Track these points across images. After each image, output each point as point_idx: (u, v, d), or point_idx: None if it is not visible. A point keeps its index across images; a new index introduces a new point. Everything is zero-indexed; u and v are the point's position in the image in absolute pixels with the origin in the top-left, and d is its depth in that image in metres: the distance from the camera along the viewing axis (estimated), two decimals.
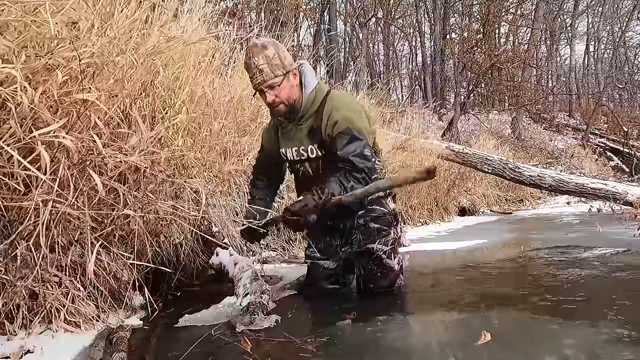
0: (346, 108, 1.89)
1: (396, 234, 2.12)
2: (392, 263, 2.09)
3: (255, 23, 4.72)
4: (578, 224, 5.14)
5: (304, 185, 2.02)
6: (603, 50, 25.94)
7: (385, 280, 2.09)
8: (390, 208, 2.11)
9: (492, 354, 1.35)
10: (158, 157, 1.90)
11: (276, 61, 1.83)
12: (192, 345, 1.50)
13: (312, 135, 1.94)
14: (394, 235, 2.10)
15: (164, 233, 2.19)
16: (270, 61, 1.82)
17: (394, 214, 2.12)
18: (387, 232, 2.07)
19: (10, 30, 1.46)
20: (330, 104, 1.89)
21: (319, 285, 2.13)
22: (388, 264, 2.08)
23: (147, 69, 2.05)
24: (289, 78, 1.87)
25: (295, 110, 1.92)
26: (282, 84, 1.85)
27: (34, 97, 1.39)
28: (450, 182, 6.37)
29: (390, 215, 2.10)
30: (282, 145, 2.06)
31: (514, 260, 2.97)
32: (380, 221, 2.07)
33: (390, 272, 2.09)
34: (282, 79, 1.84)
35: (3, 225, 1.53)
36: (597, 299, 1.90)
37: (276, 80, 1.84)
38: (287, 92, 1.88)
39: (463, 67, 13.32)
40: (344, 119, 1.86)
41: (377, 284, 2.08)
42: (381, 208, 2.07)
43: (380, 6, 14.86)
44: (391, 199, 2.13)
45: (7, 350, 1.41)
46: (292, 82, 1.89)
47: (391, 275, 2.09)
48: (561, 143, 15.09)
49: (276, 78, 1.83)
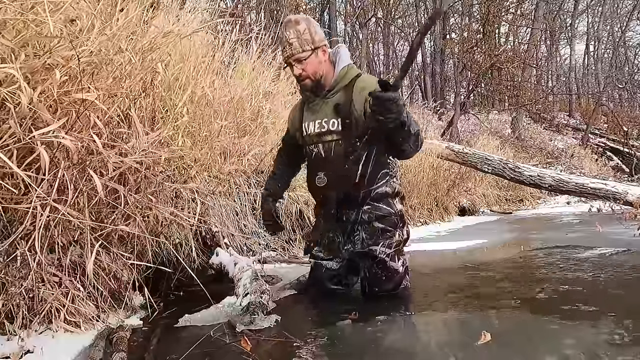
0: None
1: (401, 235, 2.07)
2: (396, 265, 2.03)
3: (255, 23, 4.72)
4: (578, 224, 5.14)
5: (315, 168, 2.05)
6: (603, 50, 25.96)
7: (390, 283, 2.03)
8: (397, 209, 2.05)
9: (492, 354, 1.35)
10: (158, 157, 1.90)
11: (306, 36, 1.88)
12: (192, 345, 1.50)
13: (338, 109, 1.94)
14: (399, 238, 2.05)
15: (164, 233, 2.19)
16: (300, 36, 1.88)
17: (401, 215, 2.07)
18: (391, 234, 2.02)
19: (8, 29, 1.46)
20: (362, 83, 1.91)
21: (321, 285, 2.12)
22: (392, 267, 2.02)
23: (145, 66, 2.05)
24: (317, 54, 1.91)
25: (321, 86, 1.96)
26: (309, 58, 1.90)
27: (33, 97, 1.38)
28: (450, 182, 6.37)
29: (397, 216, 2.04)
30: (305, 120, 2.07)
31: (514, 260, 2.96)
32: (386, 221, 2.02)
33: (395, 274, 2.03)
34: (310, 53, 1.89)
35: (3, 225, 1.53)
36: (597, 299, 1.90)
37: (303, 54, 1.89)
38: (314, 67, 1.92)
39: (463, 67, 13.32)
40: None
41: (382, 288, 2.04)
42: (387, 207, 2.02)
43: (380, 6, 14.86)
44: (399, 199, 2.08)
45: (7, 350, 1.41)
46: (320, 57, 1.92)
47: (396, 278, 2.04)
48: (561, 143, 15.09)
49: (304, 52, 1.89)
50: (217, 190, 2.73)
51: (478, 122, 12.88)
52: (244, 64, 3.69)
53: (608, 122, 17.41)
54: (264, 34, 4.01)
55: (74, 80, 1.61)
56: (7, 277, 1.48)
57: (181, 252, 2.35)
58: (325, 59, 1.94)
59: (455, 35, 16.65)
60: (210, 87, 2.90)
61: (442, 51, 15.81)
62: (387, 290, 2.04)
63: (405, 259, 2.11)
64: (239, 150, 3.12)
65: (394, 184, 2.03)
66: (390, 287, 2.05)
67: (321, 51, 1.92)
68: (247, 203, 3.04)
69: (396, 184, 2.05)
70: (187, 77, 2.66)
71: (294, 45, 1.88)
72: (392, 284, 2.04)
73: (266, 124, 3.53)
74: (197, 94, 2.71)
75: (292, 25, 1.89)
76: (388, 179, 2.01)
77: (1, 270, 1.47)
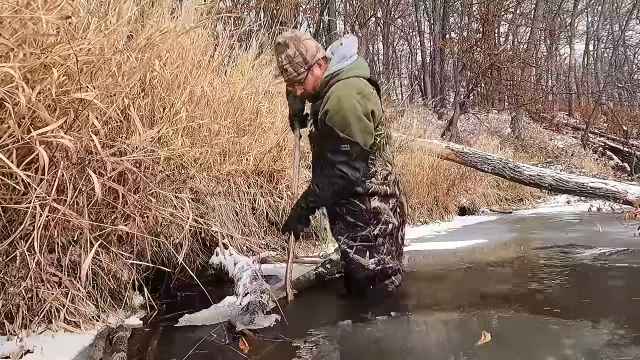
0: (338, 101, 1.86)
1: (372, 232, 2.00)
2: (363, 261, 1.99)
3: (255, 22, 4.71)
4: (578, 224, 5.15)
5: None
6: (603, 49, 25.96)
7: (356, 274, 2.04)
8: (371, 206, 2.00)
9: (492, 354, 1.35)
10: (157, 156, 1.89)
11: (298, 59, 1.92)
12: (192, 345, 1.50)
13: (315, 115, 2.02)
14: (368, 233, 1.99)
15: (164, 233, 2.18)
16: (293, 60, 1.92)
17: (375, 212, 2.01)
18: (361, 229, 2.00)
19: (5, 28, 1.45)
20: (330, 93, 1.90)
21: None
22: (356, 260, 2.00)
23: (142, 63, 2.04)
24: (312, 72, 1.95)
25: (319, 95, 2.00)
26: (306, 79, 1.95)
27: (32, 96, 1.38)
28: (450, 181, 6.36)
29: (369, 212, 2.00)
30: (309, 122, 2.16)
31: (514, 260, 2.96)
32: (356, 216, 2.00)
33: (361, 269, 2.00)
34: (306, 74, 1.94)
35: (2, 225, 1.53)
36: (597, 299, 1.90)
37: (300, 77, 1.95)
38: (311, 84, 1.98)
39: (462, 67, 13.32)
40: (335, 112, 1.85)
41: (351, 275, 2.09)
42: (360, 204, 1.99)
43: (380, 6, 14.85)
44: (378, 198, 2.01)
45: (7, 350, 1.41)
46: (316, 74, 1.96)
47: (362, 272, 2.01)
48: (561, 142, 15.08)
49: (299, 76, 1.95)
50: (217, 191, 2.73)
51: (478, 122, 12.88)
52: (243, 63, 3.68)
53: (608, 121, 17.40)
54: (263, 33, 4.00)
55: (72, 79, 1.60)
56: (6, 277, 1.48)
57: (181, 252, 2.35)
58: (322, 71, 1.96)
59: (455, 35, 16.64)
60: (210, 86, 2.90)
61: (441, 51, 15.80)
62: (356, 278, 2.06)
63: (383, 259, 2.02)
64: (239, 150, 3.12)
65: (368, 185, 1.99)
66: (358, 277, 2.04)
67: (316, 67, 1.95)
68: (246, 203, 3.03)
69: (372, 185, 2.00)
70: (186, 76, 2.65)
71: (289, 71, 1.94)
72: (358, 275, 2.03)
73: (266, 123, 3.53)
74: (197, 93, 2.71)
75: (282, 49, 1.92)
76: (364, 180, 1.97)
77: (1, 270, 1.46)
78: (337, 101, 1.85)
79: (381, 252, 2.03)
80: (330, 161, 1.90)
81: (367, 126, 1.88)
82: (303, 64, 1.92)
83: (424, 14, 18.78)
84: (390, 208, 2.05)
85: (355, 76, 1.92)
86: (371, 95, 1.93)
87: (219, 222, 2.68)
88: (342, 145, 1.86)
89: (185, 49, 2.74)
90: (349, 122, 1.84)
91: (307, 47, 1.92)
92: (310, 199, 1.98)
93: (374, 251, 2.01)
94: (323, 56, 1.97)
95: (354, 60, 1.97)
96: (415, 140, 6.10)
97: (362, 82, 1.93)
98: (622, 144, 14.60)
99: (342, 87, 1.89)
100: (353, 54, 1.98)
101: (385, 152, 2.05)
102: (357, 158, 1.88)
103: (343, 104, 1.85)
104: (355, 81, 1.91)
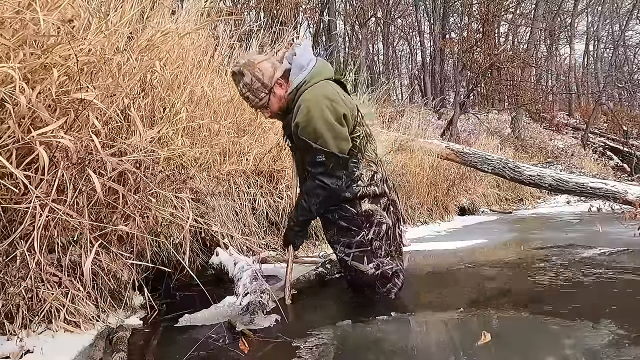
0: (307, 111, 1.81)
1: (366, 236, 1.95)
2: (361, 267, 1.96)
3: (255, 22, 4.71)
4: (578, 224, 5.15)
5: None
6: (603, 49, 25.96)
7: (356, 281, 2.03)
8: (362, 209, 1.95)
9: (492, 354, 1.35)
10: (157, 156, 1.89)
11: (256, 85, 1.89)
12: (192, 345, 1.50)
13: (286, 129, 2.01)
14: (363, 238, 1.95)
15: (164, 233, 2.18)
16: (251, 87, 1.90)
17: (367, 215, 1.95)
18: (355, 233, 1.95)
19: (6, 28, 1.45)
20: (299, 104, 1.85)
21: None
22: (355, 267, 1.97)
23: (143, 64, 2.04)
24: (274, 93, 1.91)
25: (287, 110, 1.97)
26: (269, 101, 1.93)
27: (32, 97, 1.38)
28: (450, 181, 6.36)
29: (361, 216, 1.95)
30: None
31: (514, 260, 2.96)
32: (349, 221, 1.95)
33: (361, 275, 1.97)
34: (268, 97, 1.91)
35: (2, 225, 1.53)
36: (597, 299, 1.90)
37: (262, 102, 1.93)
38: (276, 104, 1.95)
39: (462, 67, 13.31)
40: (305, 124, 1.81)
41: (352, 283, 2.07)
42: (351, 208, 1.95)
43: (380, 6, 14.84)
44: (368, 200, 1.96)
45: (7, 350, 1.41)
46: (279, 94, 1.92)
47: (364, 278, 1.97)
48: (561, 142, 15.08)
49: (262, 101, 1.92)
50: (217, 191, 2.73)
51: (478, 122, 12.87)
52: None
53: (608, 121, 17.40)
54: (263, 32, 4.00)
55: (72, 79, 1.60)
56: (6, 277, 1.48)
57: (184, 252, 2.35)
58: (284, 90, 1.92)
59: (455, 35, 16.63)
60: (210, 86, 2.90)
61: (441, 51, 15.79)
62: (358, 286, 2.05)
63: (381, 263, 1.98)
64: (239, 150, 3.12)
65: (355, 189, 1.93)
66: (359, 284, 2.03)
67: (277, 87, 1.91)
68: (246, 203, 3.03)
69: (360, 188, 1.94)
70: (186, 76, 2.65)
71: (250, 98, 1.93)
72: (359, 282, 2.01)
73: (266, 123, 3.53)
74: (197, 93, 2.71)
75: (238, 78, 1.90)
76: (350, 184, 1.93)
77: (1, 270, 1.46)
78: (306, 112, 1.80)
79: (379, 256, 1.98)
80: (311, 173, 1.87)
81: (341, 132, 1.83)
82: (262, 88, 1.89)
83: (424, 14, 18.77)
84: (382, 208, 2.00)
85: (320, 80, 1.87)
86: (340, 97, 1.87)
87: (219, 222, 2.68)
88: (317, 156, 1.82)
89: (185, 49, 2.74)
90: (321, 133, 1.79)
91: (262, 70, 1.88)
92: (300, 213, 1.97)
93: (371, 256, 1.97)
94: (282, 74, 1.91)
95: (313, 65, 1.91)
96: (416, 140, 6.10)
97: (329, 85, 1.87)
98: (622, 144, 14.60)
99: (309, 96, 1.83)
100: (310, 59, 1.92)
101: (367, 152, 1.99)
102: (334, 167, 1.84)
103: (313, 114, 1.79)
104: (322, 85, 1.86)
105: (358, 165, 1.95)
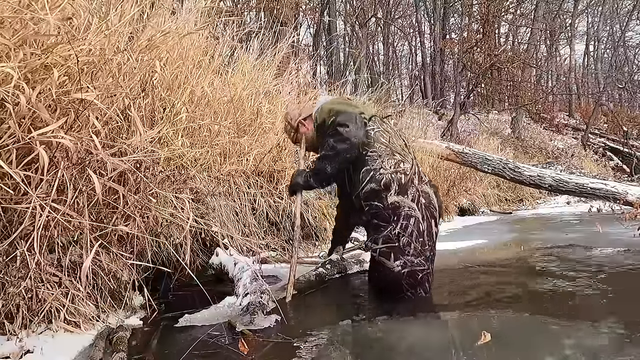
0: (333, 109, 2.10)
1: (393, 230, 1.90)
2: (389, 263, 1.90)
3: (255, 22, 4.71)
4: (578, 224, 5.14)
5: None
6: (603, 50, 25.98)
7: (381, 282, 1.99)
8: (388, 202, 1.92)
9: (492, 354, 1.35)
10: (157, 156, 1.90)
11: (287, 127, 2.36)
12: (192, 346, 1.50)
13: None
14: (390, 232, 1.90)
15: (164, 233, 2.18)
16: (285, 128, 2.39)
17: (394, 207, 1.91)
18: (384, 228, 1.93)
19: (6, 28, 1.45)
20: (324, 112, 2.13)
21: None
22: (383, 263, 1.92)
23: (143, 64, 2.05)
24: (299, 130, 2.30)
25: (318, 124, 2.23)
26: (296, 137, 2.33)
27: (32, 97, 1.38)
28: (450, 182, 6.37)
29: (387, 209, 1.92)
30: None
31: (514, 260, 2.96)
32: (379, 217, 1.94)
33: (388, 272, 1.91)
34: (295, 135, 2.34)
35: (2, 225, 1.53)
36: (597, 299, 1.90)
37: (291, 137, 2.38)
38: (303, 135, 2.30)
39: (463, 67, 13.32)
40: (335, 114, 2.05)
41: (378, 281, 2.02)
42: (377, 203, 1.94)
43: (380, 6, 14.86)
44: (394, 191, 1.92)
45: (7, 350, 1.41)
46: (302, 130, 2.30)
47: (390, 276, 1.91)
48: (561, 143, 15.08)
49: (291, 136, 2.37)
50: (217, 191, 2.73)
51: (478, 122, 12.88)
52: (244, 63, 3.68)
53: (608, 122, 17.41)
54: (264, 33, 4.00)
55: (72, 79, 1.60)
56: (6, 277, 1.48)
57: (185, 253, 2.35)
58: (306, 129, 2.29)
59: (455, 35, 16.64)
60: (210, 86, 2.90)
61: (442, 51, 15.80)
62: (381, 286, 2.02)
63: (410, 261, 1.91)
64: (239, 150, 3.12)
65: (380, 177, 1.94)
66: (383, 285, 1.98)
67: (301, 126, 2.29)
68: (247, 203, 3.03)
69: (384, 175, 1.94)
70: (187, 76, 2.66)
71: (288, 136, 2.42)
72: (383, 282, 1.98)
73: (266, 124, 3.53)
74: (197, 93, 2.71)
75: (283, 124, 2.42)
76: (373, 174, 1.95)
77: (1, 270, 1.46)
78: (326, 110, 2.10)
79: (407, 254, 1.91)
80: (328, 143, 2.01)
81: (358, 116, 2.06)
82: (291, 129, 2.34)
83: (424, 14, 18.80)
84: (411, 199, 1.94)
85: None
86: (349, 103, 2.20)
87: (219, 222, 2.68)
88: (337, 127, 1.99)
89: (185, 49, 2.74)
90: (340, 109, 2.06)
91: (290, 114, 2.34)
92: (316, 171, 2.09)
93: (398, 252, 1.90)
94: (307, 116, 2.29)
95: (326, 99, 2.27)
96: (416, 141, 6.10)
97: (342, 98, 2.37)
98: (622, 144, 14.60)
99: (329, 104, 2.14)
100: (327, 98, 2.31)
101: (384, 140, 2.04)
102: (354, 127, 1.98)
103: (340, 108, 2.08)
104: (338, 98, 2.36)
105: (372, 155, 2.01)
